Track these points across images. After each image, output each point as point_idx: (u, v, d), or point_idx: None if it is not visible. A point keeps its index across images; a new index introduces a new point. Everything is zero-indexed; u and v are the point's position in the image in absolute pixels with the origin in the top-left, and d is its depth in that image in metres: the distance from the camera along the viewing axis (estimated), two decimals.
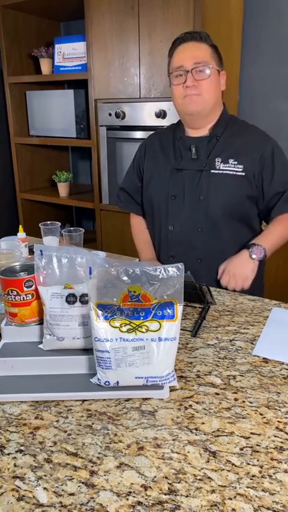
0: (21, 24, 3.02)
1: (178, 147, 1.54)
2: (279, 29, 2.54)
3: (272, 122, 2.65)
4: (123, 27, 2.47)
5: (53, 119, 3.02)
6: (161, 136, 1.64)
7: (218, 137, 1.49)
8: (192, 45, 1.42)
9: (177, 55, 1.44)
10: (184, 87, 1.42)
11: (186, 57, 1.40)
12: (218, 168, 1.47)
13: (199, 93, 1.41)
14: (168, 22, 2.32)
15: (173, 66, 1.44)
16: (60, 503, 0.65)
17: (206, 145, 1.49)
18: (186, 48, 1.43)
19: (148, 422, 0.81)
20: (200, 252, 1.50)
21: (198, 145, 1.49)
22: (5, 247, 1.53)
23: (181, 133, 1.55)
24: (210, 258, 1.50)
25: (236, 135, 1.50)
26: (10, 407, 0.85)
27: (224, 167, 1.46)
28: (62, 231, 1.59)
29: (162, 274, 0.85)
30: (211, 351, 1.04)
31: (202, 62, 1.40)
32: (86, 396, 0.87)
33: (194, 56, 1.40)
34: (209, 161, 1.47)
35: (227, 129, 1.51)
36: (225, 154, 1.47)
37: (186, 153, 1.51)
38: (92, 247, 2.19)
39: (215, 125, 1.50)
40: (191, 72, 1.39)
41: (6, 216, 3.30)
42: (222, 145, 1.48)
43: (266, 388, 0.90)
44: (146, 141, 1.69)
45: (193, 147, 1.49)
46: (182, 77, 1.42)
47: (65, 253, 0.94)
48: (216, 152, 1.48)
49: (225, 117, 1.53)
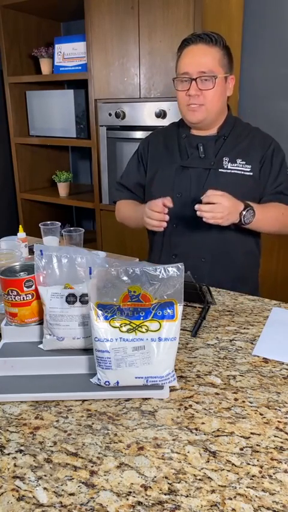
0: (21, 24, 3.03)
1: (184, 145, 1.53)
2: (279, 29, 2.54)
3: (272, 121, 2.65)
4: (123, 28, 2.47)
5: (53, 119, 3.02)
6: (164, 133, 1.63)
7: (226, 137, 1.49)
8: (201, 49, 1.39)
9: (184, 58, 1.41)
10: (187, 95, 1.40)
11: (192, 64, 1.38)
12: (226, 167, 1.46)
13: (202, 103, 1.40)
14: (168, 22, 2.32)
15: (179, 70, 1.42)
16: (60, 503, 0.65)
17: (213, 144, 1.49)
18: (194, 52, 1.39)
19: (148, 422, 0.81)
20: (204, 250, 1.50)
21: (205, 144, 1.49)
22: (5, 247, 1.52)
23: (186, 131, 1.54)
24: (214, 257, 1.50)
25: (243, 136, 1.50)
26: (10, 407, 0.85)
27: (232, 167, 1.46)
28: (62, 231, 1.59)
29: (162, 274, 0.85)
30: (211, 351, 1.04)
31: (208, 71, 1.37)
32: (86, 396, 0.87)
33: (201, 64, 1.37)
34: (217, 160, 1.47)
35: (234, 130, 1.51)
36: (232, 154, 1.47)
37: (192, 151, 1.51)
38: (92, 247, 2.19)
39: (222, 125, 1.50)
40: (196, 81, 1.37)
41: (6, 216, 3.30)
42: (229, 145, 1.49)
43: (266, 388, 0.90)
44: (148, 138, 1.67)
45: (201, 146, 1.48)
46: (186, 84, 1.40)
47: (65, 253, 0.94)
48: (224, 151, 1.48)
49: (231, 118, 1.53)
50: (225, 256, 1.50)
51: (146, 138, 1.69)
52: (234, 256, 1.52)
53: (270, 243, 2.36)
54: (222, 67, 1.40)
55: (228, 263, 1.52)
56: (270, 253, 2.39)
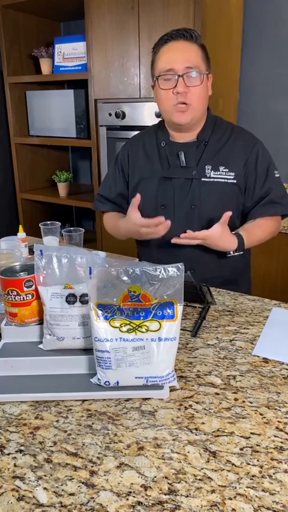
0: (21, 24, 3.02)
1: (164, 153, 1.46)
2: (279, 29, 2.54)
3: (272, 121, 2.66)
4: (123, 27, 2.47)
5: (53, 119, 3.02)
6: (143, 140, 1.54)
7: (206, 142, 1.43)
8: (183, 45, 1.31)
9: (165, 54, 1.32)
10: (174, 93, 1.31)
11: (177, 60, 1.29)
12: (208, 175, 1.41)
13: (190, 102, 1.32)
14: (168, 22, 2.32)
15: (161, 68, 1.33)
16: (60, 503, 0.65)
17: (194, 151, 1.42)
18: (177, 47, 1.31)
19: (148, 422, 0.81)
20: (193, 262, 1.43)
21: (186, 152, 1.41)
22: (5, 247, 1.52)
23: (165, 137, 1.46)
24: (203, 268, 1.45)
25: (224, 139, 1.44)
26: (10, 407, 0.85)
27: (214, 175, 1.41)
28: (62, 231, 1.59)
29: (162, 274, 0.85)
30: (211, 351, 1.04)
31: (194, 66, 1.30)
32: (86, 396, 0.87)
33: (186, 59, 1.29)
34: (199, 169, 1.41)
35: (214, 133, 1.44)
36: (214, 161, 1.41)
37: (173, 160, 1.43)
38: (92, 247, 2.19)
39: (202, 130, 1.43)
40: (183, 77, 1.29)
41: (6, 216, 3.30)
42: (210, 152, 1.42)
43: (266, 388, 0.90)
44: (127, 146, 1.58)
45: (181, 154, 1.41)
46: (171, 81, 1.31)
47: (65, 253, 0.94)
48: (205, 159, 1.41)
49: (211, 119, 1.46)
50: (214, 263, 1.45)
51: (125, 146, 1.59)
52: (223, 262, 1.46)
53: (270, 243, 2.36)
54: (204, 64, 1.34)
55: (218, 270, 1.48)
56: (270, 253, 2.38)
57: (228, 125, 1.49)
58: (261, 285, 1.67)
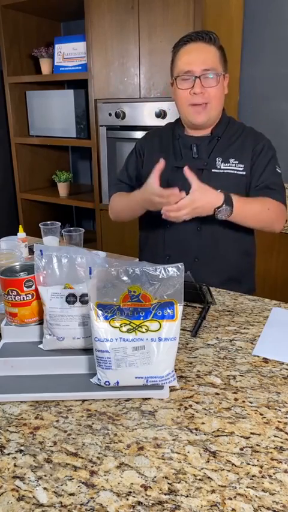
0: (21, 24, 3.03)
1: (178, 146, 1.54)
2: (279, 29, 2.54)
3: (272, 121, 2.66)
4: (123, 27, 2.47)
5: (53, 119, 3.02)
6: (160, 134, 1.63)
7: (219, 137, 1.49)
8: (202, 47, 1.38)
9: (184, 56, 1.40)
10: (191, 93, 1.39)
11: (196, 61, 1.37)
12: (219, 167, 1.46)
13: (206, 101, 1.40)
14: (168, 22, 2.32)
15: (180, 69, 1.40)
16: (60, 503, 0.65)
17: (206, 144, 1.49)
18: (195, 49, 1.39)
19: (148, 422, 0.81)
20: (197, 251, 1.50)
21: (199, 145, 1.49)
22: (5, 247, 1.52)
23: (181, 132, 1.54)
24: (207, 257, 1.49)
25: (236, 135, 1.50)
26: (10, 407, 0.85)
27: (225, 166, 1.46)
28: (62, 231, 1.59)
29: (162, 274, 0.85)
30: (211, 351, 1.04)
31: (211, 68, 1.37)
32: (86, 396, 0.87)
33: (204, 61, 1.37)
34: (210, 160, 1.47)
35: (227, 130, 1.51)
36: (225, 154, 1.47)
37: (186, 152, 1.51)
38: (92, 247, 2.19)
39: (216, 126, 1.50)
40: (200, 78, 1.37)
41: (6, 216, 3.30)
42: (222, 146, 1.49)
43: (266, 388, 0.90)
44: (145, 137, 1.67)
45: (194, 146, 1.49)
46: (189, 82, 1.39)
47: (65, 253, 0.94)
48: (217, 152, 1.48)
49: (225, 119, 1.53)
50: (219, 257, 1.49)
51: (143, 137, 1.69)
52: (228, 257, 1.51)
53: (270, 243, 2.37)
54: (221, 65, 1.41)
55: (223, 264, 1.52)
56: (270, 253, 2.39)
57: (240, 124, 1.56)
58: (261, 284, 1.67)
